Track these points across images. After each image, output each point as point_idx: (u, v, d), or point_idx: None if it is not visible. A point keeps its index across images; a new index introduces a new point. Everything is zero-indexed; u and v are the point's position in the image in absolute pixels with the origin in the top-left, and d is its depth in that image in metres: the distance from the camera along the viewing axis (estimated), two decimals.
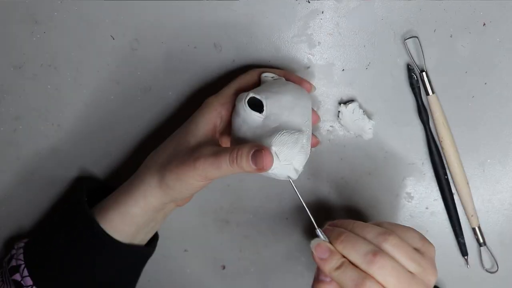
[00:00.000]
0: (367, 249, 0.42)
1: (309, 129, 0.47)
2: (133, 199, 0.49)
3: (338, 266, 0.42)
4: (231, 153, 0.44)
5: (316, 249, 0.43)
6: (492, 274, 0.58)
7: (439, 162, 0.55)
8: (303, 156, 0.45)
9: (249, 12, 0.53)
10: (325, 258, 0.43)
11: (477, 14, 0.52)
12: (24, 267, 0.50)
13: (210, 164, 0.44)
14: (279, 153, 0.44)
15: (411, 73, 0.53)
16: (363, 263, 0.41)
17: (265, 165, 0.43)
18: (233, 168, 0.44)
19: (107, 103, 0.56)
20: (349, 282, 0.41)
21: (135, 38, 0.54)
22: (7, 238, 0.60)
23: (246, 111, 0.45)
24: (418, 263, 0.42)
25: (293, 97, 0.46)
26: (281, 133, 0.44)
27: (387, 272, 0.41)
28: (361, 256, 0.42)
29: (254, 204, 0.59)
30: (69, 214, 0.52)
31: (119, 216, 0.49)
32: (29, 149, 0.58)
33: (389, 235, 0.42)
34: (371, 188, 0.57)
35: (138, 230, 0.51)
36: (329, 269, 0.42)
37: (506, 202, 0.57)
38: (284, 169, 0.44)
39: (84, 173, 0.59)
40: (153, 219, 0.51)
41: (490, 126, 0.55)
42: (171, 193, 0.48)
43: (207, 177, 0.45)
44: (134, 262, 0.53)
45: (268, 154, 0.43)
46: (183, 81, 0.56)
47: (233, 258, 0.61)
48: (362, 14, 0.53)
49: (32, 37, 0.55)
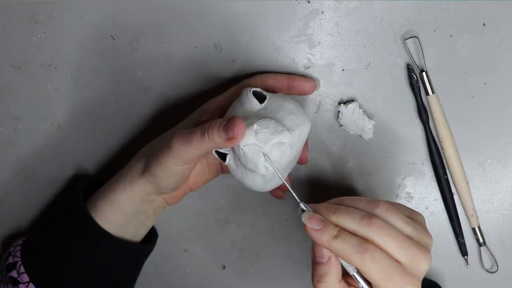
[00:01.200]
0: (361, 214, 0.41)
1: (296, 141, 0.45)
2: (121, 185, 0.49)
3: (335, 234, 0.41)
4: (203, 126, 0.43)
5: (309, 221, 0.42)
6: (492, 274, 0.58)
7: (439, 162, 0.55)
8: (278, 153, 0.43)
9: (249, 12, 0.53)
10: (320, 229, 0.41)
11: (477, 14, 0.52)
12: (21, 264, 0.50)
13: (183, 141, 0.43)
14: (258, 132, 0.43)
15: (411, 73, 0.53)
16: (361, 227, 0.40)
17: (236, 132, 0.41)
18: (204, 142, 0.42)
19: (107, 103, 0.56)
20: (350, 249, 0.40)
21: (135, 38, 0.54)
22: (6, 237, 0.60)
23: (248, 96, 0.46)
24: (413, 226, 0.42)
25: (295, 107, 0.46)
26: (269, 119, 0.44)
27: (386, 233, 0.40)
28: (357, 221, 0.40)
29: (254, 204, 0.59)
30: (64, 210, 0.52)
31: (108, 204, 0.50)
32: (29, 149, 0.58)
33: (379, 201, 0.42)
34: (371, 188, 0.57)
35: (127, 221, 0.50)
36: (327, 239, 0.41)
37: (506, 202, 0.57)
38: (255, 153, 0.43)
39: (83, 172, 0.59)
40: (142, 211, 0.51)
41: (490, 126, 0.55)
42: (153, 180, 0.47)
43: (181, 157, 0.44)
44: (130, 258, 0.52)
45: (241, 122, 0.41)
46: (183, 81, 0.56)
47: (233, 258, 0.61)
48: (362, 14, 0.53)
49: (32, 37, 0.55)
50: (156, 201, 0.51)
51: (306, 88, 0.52)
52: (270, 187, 0.47)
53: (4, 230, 0.60)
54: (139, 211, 0.50)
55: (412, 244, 0.41)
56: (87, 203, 0.51)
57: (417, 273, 0.41)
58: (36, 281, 0.50)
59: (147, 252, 0.54)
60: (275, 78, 0.52)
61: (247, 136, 0.42)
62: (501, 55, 0.53)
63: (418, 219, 0.44)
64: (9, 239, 0.60)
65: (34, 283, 0.50)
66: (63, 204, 0.53)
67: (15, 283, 0.50)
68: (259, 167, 0.44)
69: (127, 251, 0.52)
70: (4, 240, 0.61)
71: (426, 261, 0.41)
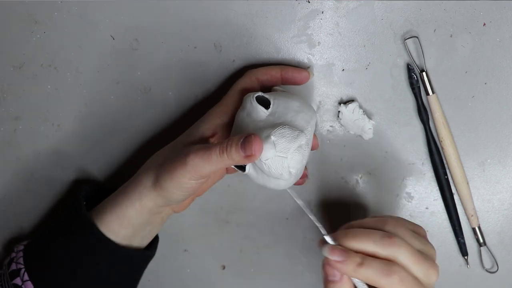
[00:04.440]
0: (381, 234, 0.41)
1: (310, 138, 0.46)
2: (129, 200, 0.49)
3: (360, 262, 0.41)
4: (221, 144, 0.43)
5: (331, 254, 0.41)
6: (492, 274, 0.58)
7: (439, 162, 0.55)
8: (299, 157, 0.44)
9: (249, 12, 0.53)
10: (343, 260, 0.41)
11: (477, 14, 0.52)
12: (25, 271, 0.50)
13: (200, 158, 0.43)
14: (277, 144, 0.43)
15: (411, 73, 0.53)
16: (383, 247, 0.41)
17: (254, 150, 0.41)
18: (223, 159, 0.43)
19: (107, 103, 0.56)
20: (378, 274, 0.40)
21: (135, 38, 0.54)
22: (6, 238, 0.60)
23: (253, 104, 0.46)
24: (419, 240, 0.43)
25: (300, 104, 0.47)
26: (283, 127, 0.44)
27: (405, 250, 0.41)
28: (378, 242, 0.41)
29: (254, 204, 0.59)
30: (68, 218, 0.52)
31: (116, 217, 0.49)
32: (29, 149, 0.58)
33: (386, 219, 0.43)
34: (371, 188, 0.57)
35: (134, 233, 0.50)
36: (352, 268, 0.41)
37: (506, 202, 0.57)
38: (278, 163, 0.43)
39: (84, 173, 0.59)
40: (150, 222, 0.51)
41: (490, 126, 0.55)
42: (165, 194, 0.47)
43: (197, 173, 0.44)
44: (134, 265, 0.53)
45: (257, 140, 0.41)
46: (183, 81, 0.56)
47: (233, 258, 0.61)
48: (362, 14, 0.53)
49: (32, 37, 0.55)
50: (164, 212, 0.51)
51: (299, 79, 0.52)
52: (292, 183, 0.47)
53: (4, 230, 0.60)
54: (147, 223, 0.50)
55: (424, 258, 0.42)
56: (91, 213, 0.51)
57: (430, 285, 0.42)
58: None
59: (150, 257, 0.54)
60: (269, 73, 0.52)
61: (267, 150, 0.43)
62: (501, 55, 0.53)
63: (421, 233, 0.45)
64: (9, 239, 0.60)
65: None
66: (65, 212, 0.52)
67: None
68: (284, 175, 0.44)
69: (133, 259, 0.52)
70: (4, 241, 0.60)
71: (436, 274, 0.42)
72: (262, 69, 0.52)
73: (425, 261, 0.42)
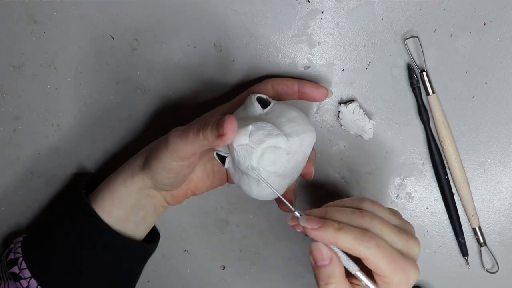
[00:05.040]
0: (351, 209, 0.42)
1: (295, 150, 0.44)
2: (121, 178, 0.51)
3: (339, 227, 0.40)
4: (200, 123, 0.43)
5: (308, 222, 0.41)
6: (492, 274, 0.58)
7: (439, 162, 0.55)
8: (271, 157, 0.43)
9: (249, 12, 0.53)
10: (319, 227, 0.41)
11: (477, 14, 0.52)
12: (22, 260, 0.50)
13: (179, 137, 0.44)
14: (253, 133, 0.42)
15: (411, 73, 0.53)
16: (355, 220, 0.41)
17: (226, 129, 0.40)
18: (199, 139, 0.42)
19: (107, 103, 0.56)
20: (356, 239, 0.40)
21: (135, 38, 0.54)
22: (6, 237, 0.60)
23: (252, 101, 0.46)
24: (395, 216, 0.44)
25: (298, 115, 0.46)
26: (266, 123, 0.43)
27: (379, 222, 0.41)
28: (350, 216, 0.41)
29: (254, 204, 0.59)
30: (66, 205, 0.52)
31: (108, 195, 0.50)
32: (29, 149, 0.58)
33: (363, 198, 0.44)
34: (371, 188, 0.57)
35: (126, 215, 0.51)
36: (331, 233, 0.40)
37: (507, 202, 0.57)
38: (247, 153, 0.42)
39: (84, 173, 0.59)
40: (141, 205, 0.51)
41: (491, 126, 0.55)
42: (151, 174, 0.48)
43: (176, 152, 0.44)
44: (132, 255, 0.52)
45: (231, 119, 0.41)
46: (183, 81, 0.56)
47: (233, 258, 0.61)
48: (362, 14, 0.53)
49: (32, 37, 0.55)
50: (155, 197, 0.51)
51: (317, 95, 0.51)
52: (267, 195, 0.46)
53: (4, 230, 0.60)
54: (138, 205, 0.51)
55: (400, 231, 0.42)
56: (89, 197, 0.52)
57: (413, 257, 0.42)
58: (38, 276, 0.50)
59: (148, 251, 0.54)
60: (286, 83, 0.51)
61: (241, 136, 0.42)
62: (502, 55, 0.53)
63: (396, 212, 0.45)
64: (9, 239, 0.60)
65: (35, 278, 0.50)
66: (65, 200, 0.53)
67: (16, 278, 0.50)
68: (250, 170, 0.43)
69: (129, 248, 0.52)
70: (4, 240, 0.61)
71: (417, 245, 0.43)
72: (280, 79, 0.51)
73: (403, 233, 0.42)
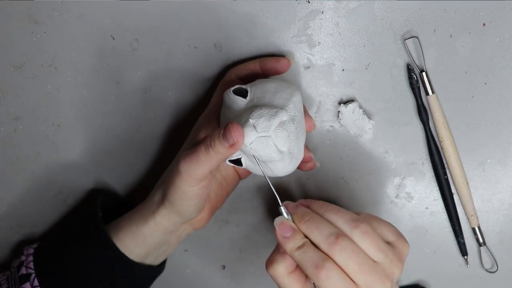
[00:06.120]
0: (330, 231, 0.41)
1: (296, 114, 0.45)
2: (143, 218, 0.49)
3: (299, 246, 0.41)
4: (205, 142, 0.43)
5: (280, 227, 0.42)
6: (492, 274, 0.58)
7: (439, 162, 0.55)
8: (284, 133, 0.43)
9: (249, 12, 0.53)
10: (287, 237, 0.42)
11: (477, 14, 0.52)
12: (35, 277, 0.50)
13: (189, 162, 0.43)
14: (257, 125, 0.42)
15: (411, 73, 0.53)
16: (325, 243, 0.40)
17: (235, 137, 0.41)
18: (211, 156, 0.42)
19: (107, 103, 0.56)
20: (308, 263, 0.40)
21: (135, 38, 0.54)
22: (6, 236, 0.60)
23: (230, 97, 0.46)
24: (386, 254, 0.41)
25: (277, 84, 0.46)
26: (260, 107, 0.43)
27: (348, 255, 0.40)
28: (324, 238, 0.41)
29: (254, 204, 0.59)
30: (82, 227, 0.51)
31: (131, 234, 0.49)
32: (29, 149, 0.58)
33: (361, 222, 0.42)
34: (371, 188, 0.57)
35: (148, 252, 0.50)
36: (290, 248, 0.41)
37: (506, 202, 0.57)
38: (264, 144, 0.43)
39: (84, 173, 0.59)
40: (166, 242, 0.51)
41: (490, 126, 0.55)
42: (175, 209, 0.47)
43: (192, 177, 0.44)
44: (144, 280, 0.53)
45: (236, 126, 0.41)
46: (183, 81, 0.56)
47: (233, 258, 0.61)
48: (362, 14, 0.53)
49: (32, 37, 0.55)
50: (180, 229, 0.51)
51: (279, 67, 0.51)
52: (294, 166, 0.46)
53: (4, 230, 0.60)
54: (162, 242, 0.50)
55: (373, 271, 0.40)
56: (108, 228, 0.51)
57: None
58: None
59: (158, 273, 0.55)
60: (247, 67, 0.51)
61: (248, 133, 0.42)
62: (501, 55, 0.53)
63: (399, 247, 0.43)
64: (9, 239, 0.60)
65: None
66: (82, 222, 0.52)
67: None
68: (274, 155, 0.43)
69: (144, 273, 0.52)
70: (4, 240, 0.60)
71: (394, 274, 0.41)
72: (241, 66, 0.52)
73: (374, 274, 0.40)
